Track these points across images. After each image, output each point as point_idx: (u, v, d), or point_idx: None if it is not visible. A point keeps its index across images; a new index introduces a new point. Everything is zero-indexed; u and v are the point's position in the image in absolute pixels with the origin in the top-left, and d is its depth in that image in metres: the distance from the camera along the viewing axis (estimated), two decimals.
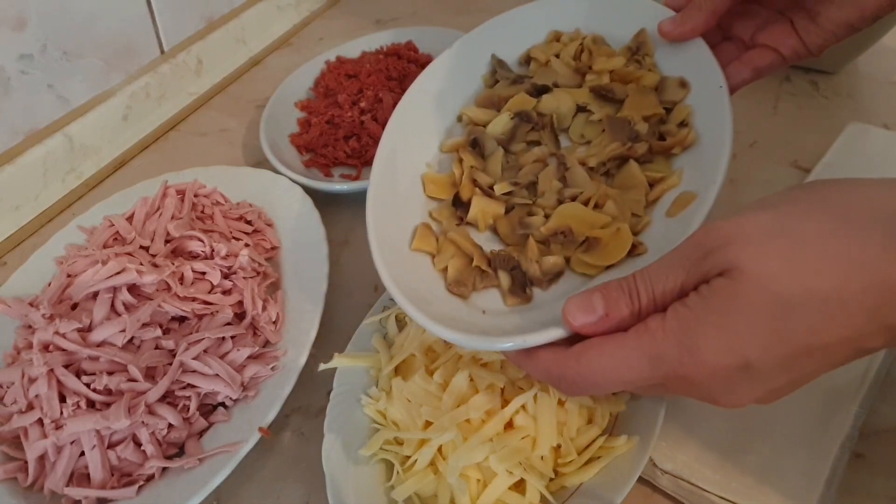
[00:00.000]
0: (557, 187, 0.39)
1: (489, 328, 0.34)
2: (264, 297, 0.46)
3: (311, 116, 0.65)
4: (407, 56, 0.69)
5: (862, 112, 0.61)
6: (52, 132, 0.61)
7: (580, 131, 0.43)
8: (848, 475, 0.36)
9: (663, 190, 0.36)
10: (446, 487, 0.36)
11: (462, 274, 0.38)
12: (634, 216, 0.36)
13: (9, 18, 0.54)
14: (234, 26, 0.77)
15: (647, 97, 0.40)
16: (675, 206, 0.35)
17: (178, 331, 0.44)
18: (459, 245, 0.39)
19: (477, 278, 0.38)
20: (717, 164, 0.34)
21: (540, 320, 0.32)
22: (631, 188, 0.37)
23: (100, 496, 0.39)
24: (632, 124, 0.39)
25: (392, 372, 0.41)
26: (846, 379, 0.39)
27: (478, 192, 0.41)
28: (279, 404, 0.41)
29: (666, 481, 0.37)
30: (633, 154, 0.38)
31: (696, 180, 0.35)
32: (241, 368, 0.43)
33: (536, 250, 0.37)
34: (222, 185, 0.56)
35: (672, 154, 0.38)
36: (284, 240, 0.52)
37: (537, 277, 0.36)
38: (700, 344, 0.25)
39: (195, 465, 0.39)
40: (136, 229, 0.50)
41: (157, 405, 0.41)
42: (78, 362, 0.42)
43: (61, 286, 0.46)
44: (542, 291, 0.36)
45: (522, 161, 0.42)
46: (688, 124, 0.38)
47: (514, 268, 0.37)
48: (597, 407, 0.37)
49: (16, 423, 0.41)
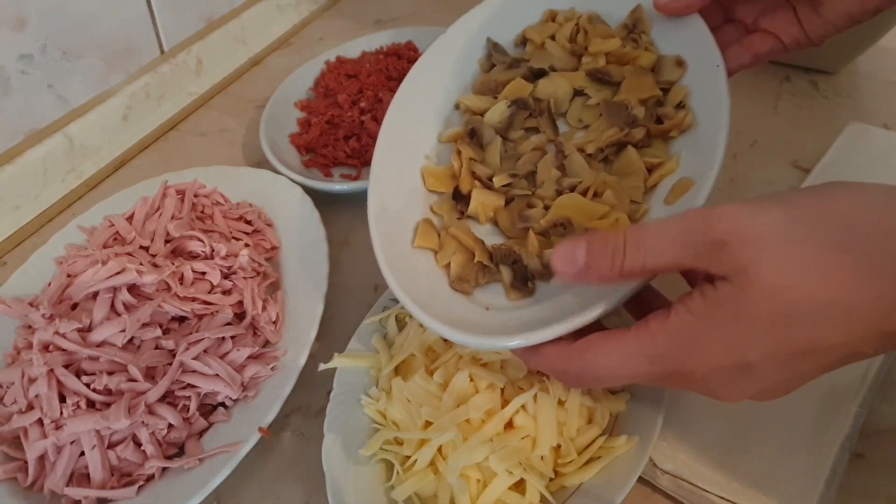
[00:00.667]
0: (556, 176, 0.39)
1: (493, 326, 0.34)
2: (264, 297, 0.46)
3: (311, 116, 0.65)
4: (407, 56, 0.69)
5: (862, 112, 0.61)
6: (52, 132, 0.61)
7: (578, 115, 0.43)
8: (848, 475, 0.36)
9: (661, 175, 0.36)
10: (446, 487, 0.36)
11: (464, 270, 0.38)
12: (633, 203, 0.36)
13: (9, 18, 0.54)
14: (234, 26, 0.77)
15: (643, 78, 0.40)
16: (673, 193, 0.35)
17: (178, 331, 0.44)
18: (461, 240, 0.39)
19: (479, 274, 0.38)
20: (715, 149, 0.33)
21: (544, 317, 0.32)
22: (629, 174, 0.37)
23: (100, 496, 0.39)
24: (629, 108, 0.39)
25: (392, 372, 0.41)
26: (846, 379, 0.39)
27: (477, 184, 0.41)
28: (279, 404, 0.41)
29: (666, 481, 0.37)
30: (631, 140, 0.38)
31: (694, 165, 0.35)
32: (241, 368, 0.43)
33: (537, 244, 0.37)
34: (222, 185, 0.56)
35: (670, 137, 0.38)
36: (284, 240, 0.52)
37: (538, 271, 0.36)
38: (703, 349, 0.26)
39: (195, 465, 0.39)
40: (136, 229, 0.50)
41: (157, 405, 0.41)
42: (78, 362, 0.42)
43: (61, 286, 0.46)
44: (545, 284, 0.36)
45: (521, 150, 0.42)
46: (685, 106, 0.38)
47: (515, 262, 0.37)
48: (597, 407, 0.38)
49: (16, 423, 0.41)
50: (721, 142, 0.33)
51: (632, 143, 0.38)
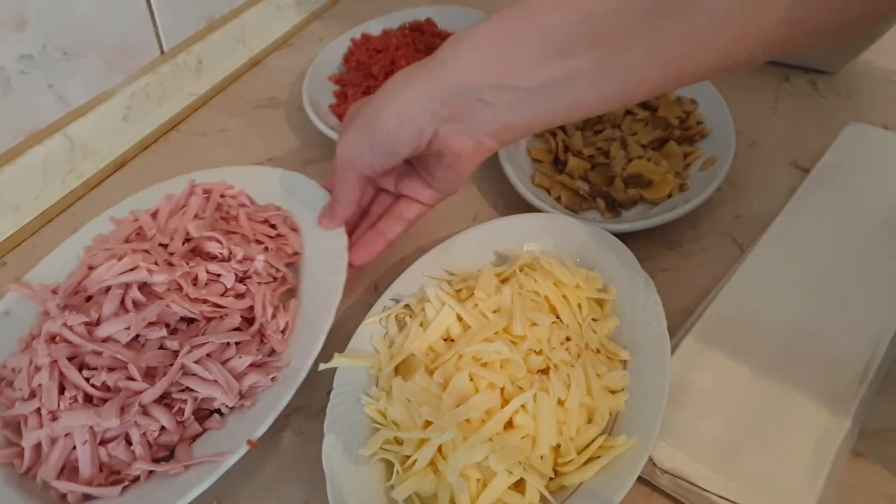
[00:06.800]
0: (623, 154, 0.58)
1: None
2: (276, 305, 0.45)
3: (346, 88, 0.67)
4: (429, 31, 0.73)
5: (861, 112, 0.61)
6: (52, 132, 0.61)
7: (629, 126, 0.61)
8: (848, 475, 0.36)
9: (693, 158, 0.57)
10: (446, 487, 0.36)
11: (571, 201, 0.54)
12: (677, 174, 0.55)
13: (9, 18, 0.54)
14: (234, 26, 0.77)
15: (672, 104, 0.62)
16: (705, 164, 0.56)
17: (186, 332, 0.44)
18: (566, 184, 0.56)
19: (581, 202, 0.55)
20: (728, 140, 0.56)
21: None
22: (671, 157, 0.57)
23: (84, 492, 0.39)
24: (667, 119, 0.60)
25: (392, 372, 0.41)
26: (846, 378, 0.39)
27: (570, 155, 0.58)
28: (273, 417, 0.39)
29: (665, 481, 0.37)
30: (672, 136, 0.59)
31: (716, 153, 0.56)
32: (241, 376, 0.42)
33: (622, 185, 0.55)
34: (252, 186, 0.55)
35: (694, 140, 0.59)
36: (308, 246, 0.51)
37: (623, 202, 0.54)
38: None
39: (180, 471, 0.38)
40: (158, 226, 0.50)
41: (152, 406, 0.40)
42: (82, 355, 0.42)
43: (79, 278, 0.46)
44: (626, 211, 0.54)
45: (595, 140, 0.60)
46: (702, 122, 0.60)
47: (606, 196, 0.55)
48: (596, 406, 0.38)
49: (17, 409, 0.41)
50: (731, 137, 0.56)
51: (672, 139, 0.58)
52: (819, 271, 0.45)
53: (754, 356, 0.41)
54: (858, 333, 0.42)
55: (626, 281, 0.44)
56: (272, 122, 0.70)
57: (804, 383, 0.39)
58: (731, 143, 0.55)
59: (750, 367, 0.41)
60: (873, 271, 0.45)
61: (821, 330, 0.42)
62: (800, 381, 0.40)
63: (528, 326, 0.40)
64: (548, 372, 0.39)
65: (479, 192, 0.59)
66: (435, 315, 0.42)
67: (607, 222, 0.52)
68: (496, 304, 0.42)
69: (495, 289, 0.43)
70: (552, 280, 0.43)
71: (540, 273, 0.44)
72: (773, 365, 0.41)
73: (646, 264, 0.45)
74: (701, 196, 0.51)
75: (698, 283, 0.48)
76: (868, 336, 0.41)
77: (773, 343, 0.42)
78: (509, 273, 0.45)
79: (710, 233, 0.53)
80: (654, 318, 0.41)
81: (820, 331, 0.42)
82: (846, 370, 0.40)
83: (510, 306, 0.41)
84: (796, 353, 0.41)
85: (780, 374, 0.40)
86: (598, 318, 0.44)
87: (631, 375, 0.39)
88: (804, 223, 0.49)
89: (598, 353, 0.41)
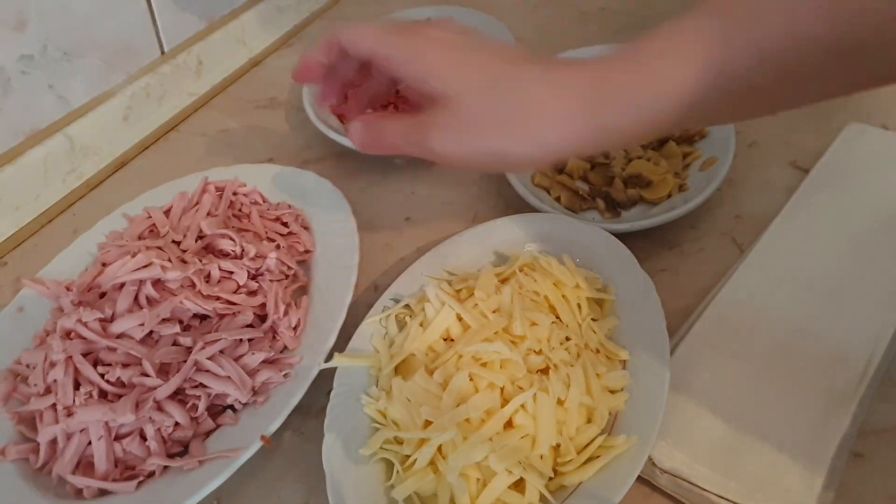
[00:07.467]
0: (622, 154, 0.58)
1: None
2: (288, 302, 0.46)
3: (346, 89, 0.66)
4: None
5: (861, 112, 0.61)
6: (52, 132, 0.61)
7: None
8: (848, 475, 0.36)
9: (693, 158, 0.57)
10: (446, 487, 0.36)
11: (570, 201, 0.55)
12: (676, 174, 0.56)
13: (9, 18, 0.54)
14: (234, 27, 0.77)
15: None
16: (704, 165, 0.56)
17: (199, 328, 0.44)
18: (566, 184, 0.56)
19: (580, 203, 0.55)
20: (728, 141, 0.55)
21: None
22: (671, 157, 0.57)
23: (100, 487, 0.39)
24: None
25: (392, 372, 0.41)
26: (846, 378, 0.39)
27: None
28: (286, 413, 0.40)
29: (665, 480, 0.37)
30: (671, 136, 0.59)
31: (715, 153, 0.56)
32: (254, 373, 0.42)
33: (622, 185, 0.55)
34: (265, 184, 0.55)
35: (694, 140, 0.59)
36: (319, 244, 0.51)
37: (623, 202, 0.54)
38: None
39: (195, 466, 0.39)
40: (171, 223, 0.50)
41: (167, 402, 0.40)
42: (97, 351, 0.42)
43: (93, 274, 0.47)
44: (626, 211, 0.54)
45: None
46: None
47: (605, 196, 0.55)
48: (596, 406, 0.38)
49: (33, 405, 0.41)
50: (731, 138, 0.55)
51: (671, 139, 0.58)
52: (819, 271, 0.46)
53: (754, 356, 0.41)
54: (858, 333, 0.42)
55: (626, 281, 0.44)
56: (272, 122, 0.70)
57: (804, 383, 0.39)
58: (731, 144, 0.54)
59: (749, 367, 0.41)
60: (873, 271, 0.45)
61: (820, 330, 0.42)
62: (799, 381, 0.40)
63: (528, 326, 0.40)
64: (547, 372, 0.39)
65: (479, 192, 0.59)
66: (435, 315, 0.42)
67: (607, 222, 0.53)
68: (496, 304, 0.42)
69: (495, 289, 0.43)
70: (552, 280, 0.44)
71: (540, 273, 0.44)
72: (772, 365, 0.41)
73: (645, 264, 0.45)
74: (700, 196, 0.51)
75: (698, 283, 0.48)
76: (868, 335, 0.41)
77: (773, 343, 0.42)
78: (509, 273, 0.45)
79: (709, 233, 0.53)
80: (653, 317, 0.41)
81: (819, 330, 0.42)
82: (846, 370, 0.40)
83: (510, 306, 0.41)
84: (796, 353, 0.41)
85: (779, 373, 0.40)
86: (598, 318, 0.44)
87: (630, 375, 0.39)
88: (803, 223, 0.49)
89: (598, 352, 0.41)
